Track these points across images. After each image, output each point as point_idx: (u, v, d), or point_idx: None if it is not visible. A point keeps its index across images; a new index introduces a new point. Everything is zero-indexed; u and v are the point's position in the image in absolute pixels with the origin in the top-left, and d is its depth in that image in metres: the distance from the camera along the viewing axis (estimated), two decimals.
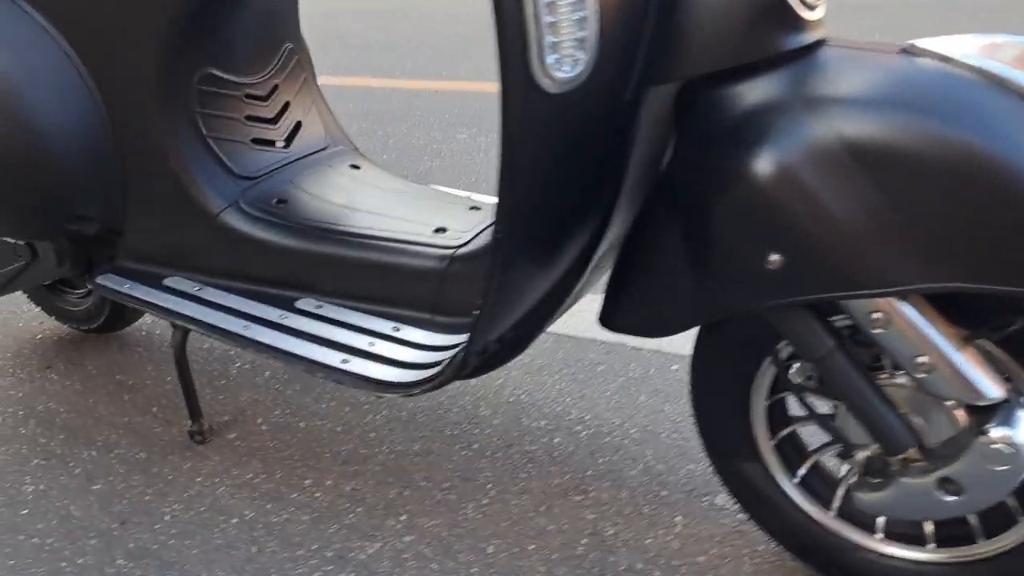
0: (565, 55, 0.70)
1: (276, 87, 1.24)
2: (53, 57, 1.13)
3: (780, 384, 0.90)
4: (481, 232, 1.06)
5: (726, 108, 0.76)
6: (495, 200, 1.20)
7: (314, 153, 1.28)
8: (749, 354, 0.88)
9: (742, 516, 1.10)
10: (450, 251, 1.04)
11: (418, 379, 0.90)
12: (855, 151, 0.69)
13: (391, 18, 5.12)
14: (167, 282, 1.16)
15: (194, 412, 1.34)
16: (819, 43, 0.77)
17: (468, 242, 1.04)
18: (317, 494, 1.23)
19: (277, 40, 1.24)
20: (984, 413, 0.76)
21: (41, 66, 1.12)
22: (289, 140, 1.25)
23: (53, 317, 1.72)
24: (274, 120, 1.24)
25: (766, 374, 0.88)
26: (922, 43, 0.74)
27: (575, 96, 0.72)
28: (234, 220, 1.14)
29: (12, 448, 1.40)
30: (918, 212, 0.68)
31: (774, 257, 0.72)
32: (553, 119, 0.73)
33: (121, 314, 1.60)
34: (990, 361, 0.76)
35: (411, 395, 0.95)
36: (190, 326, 1.10)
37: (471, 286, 1.01)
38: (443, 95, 3.29)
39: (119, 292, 1.16)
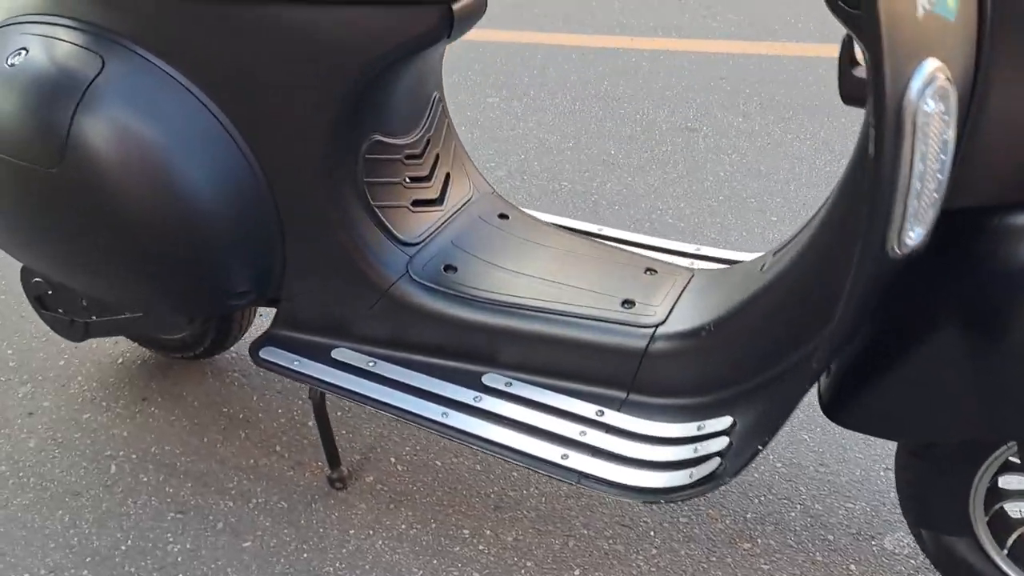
0: (919, 222, 0.68)
1: (428, 141, 1.18)
2: (213, 132, 1.04)
3: (1006, 467, 0.93)
4: (674, 307, 1.05)
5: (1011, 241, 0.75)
6: (664, 259, 1.19)
7: (464, 205, 1.23)
8: (983, 447, 0.90)
9: (915, 562, 1.16)
10: (649, 329, 1.02)
11: (674, 485, 0.90)
12: None
13: None
14: (335, 355, 1.13)
15: (333, 460, 1.32)
16: None
17: (666, 319, 1.03)
18: (480, 546, 1.24)
19: (428, 93, 1.17)
20: None
21: (200, 141, 1.04)
22: (443, 195, 1.20)
23: (138, 343, 1.66)
24: (429, 177, 1.18)
25: (995, 461, 0.91)
26: None
27: (911, 255, 0.71)
28: (405, 291, 1.10)
29: (140, 500, 1.37)
30: None
31: None
32: (886, 275, 0.72)
33: (223, 342, 1.54)
34: None
35: (669, 502, 0.95)
36: (376, 408, 1.07)
37: (674, 365, 1.01)
38: (457, 47, 3.15)
39: (287, 368, 1.11)
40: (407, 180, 1.15)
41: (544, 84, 2.71)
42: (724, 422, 0.93)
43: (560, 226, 1.27)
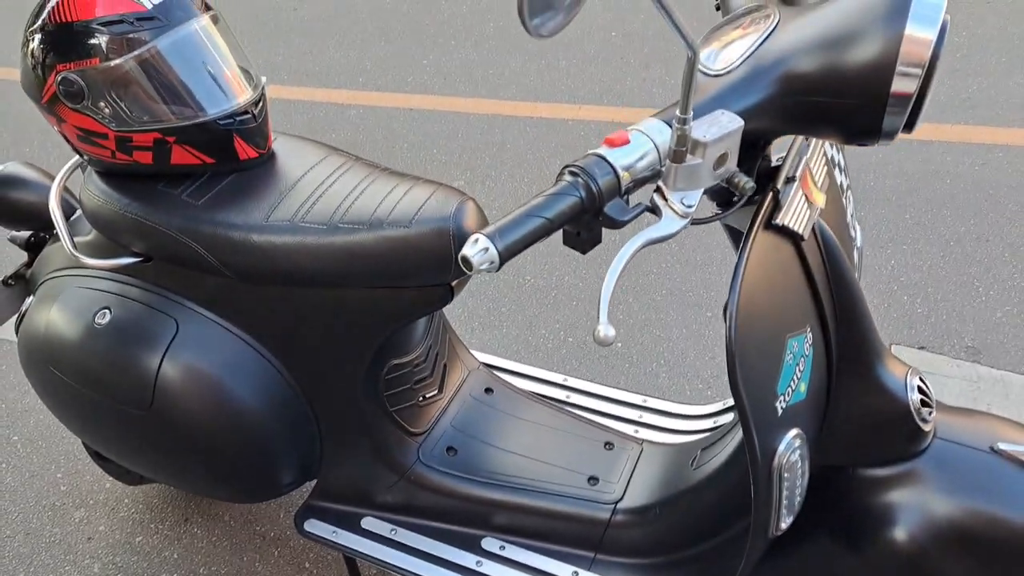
0: (790, 514, 1.00)
1: (430, 348, 1.47)
2: (266, 372, 1.33)
3: None
4: (628, 484, 1.37)
5: (864, 489, 1.09)
6: (617, 426, 1.50)
7: (459, 388, 1.53)
8: None
9: None
10: (610, 505, 1.35)
11: None
12: (964, 530, 1.04)
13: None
14: (364, 524, 1.43)
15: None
16: (933, 441, 1.09)
17: (623, 496, 1.36)
18: None
19: (432, 318, 1.46)
20: None
21: (256, 379, 1.33)
22: (442, 385, 1.50)
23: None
24: (431, 374, 1.48)
25: None
26: (1007, 447, 1.07)
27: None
28: (418, 473, 1.41)
29: None
30: None
31: None
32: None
33: None
34: None
35: None
36: (400, 574, 1.38)
37: (632, 533, 1.33)
38: (418, 119, 3.38)
39: (327, 540, 1.42)
40: (415, 383, 1.44)
41: (503, 163, 2.98)
42: None
43: (534, 393, 1.58)
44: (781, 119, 0.88)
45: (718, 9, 1.19)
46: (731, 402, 1.53)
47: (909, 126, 0.84)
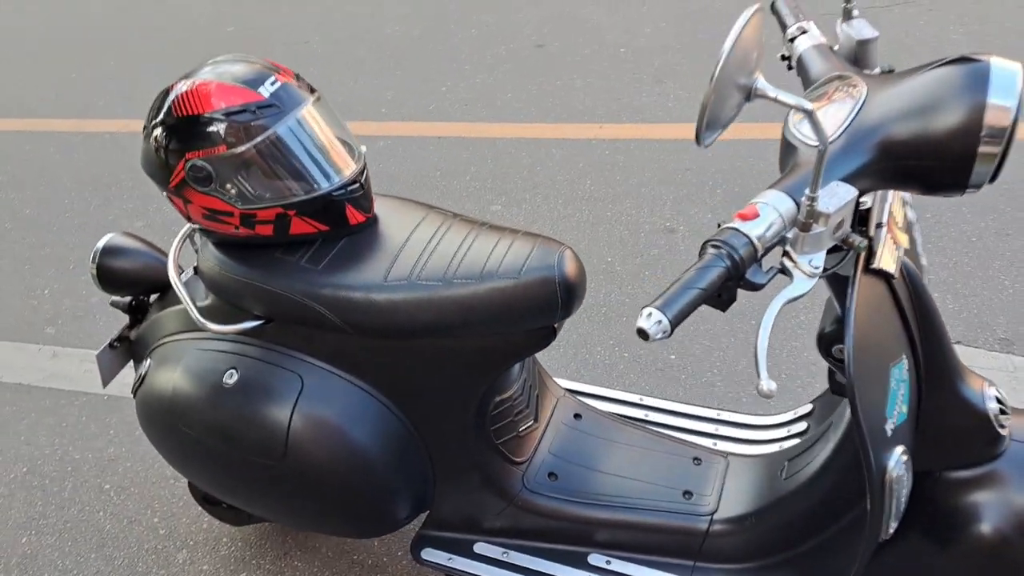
0: (896, 520, 1.13)
1: (525, 380, 1.59)
2: (385, 417, 1.45)
3: None
4: (721, 496, 1.50)
5: (951, 490, 1.21)
6: (700, 441, 1.62)
7: (551, 416, 1.65)
8: None
9: None
10: (707, 516, 1.47)
11: None
12: None
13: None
14: (477, 549, 1.55)
15: None
16: (1010, 444, 1.22)
17: (718, 508, 1.48)
18: None
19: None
20: None
21: (377, 423, 1.45)
22: (537, 414, 1.62)
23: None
24: (528, 405, 1.60)
25: None
26: None
27: None
28: (524, 499, 1.53)
29: None
30: None
31: None
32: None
33: None
34: None
35: None
36: None
37: (729, 541, 1.45)
38: (450, 146, 3.50)
39: (443, 566, 1.54)
40: (515, 416, 1.56)
41: (536, 187, 3.11)
42: None
43: (617, 415, 1.70)
44: (879, 179, 1.01)
45: (784, 60, 1.31)
46: (802, 411, 1.66)
47: (993, 178, 0.97)
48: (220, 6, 5.44)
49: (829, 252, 1.07)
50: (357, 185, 1.42)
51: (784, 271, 0.97)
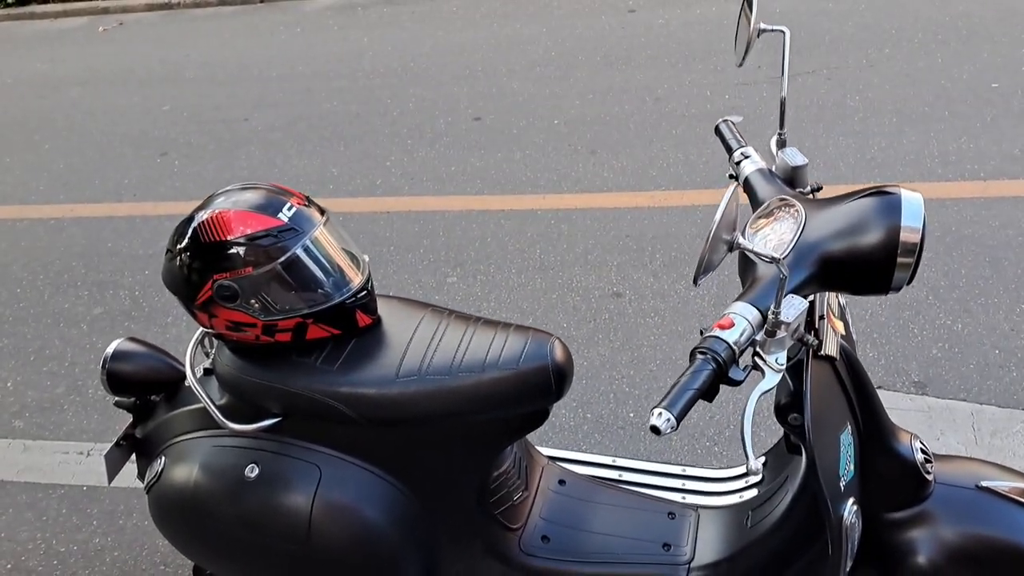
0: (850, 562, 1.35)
1: (516, 453, 1.77)
2: (396, 498, 1.60)
3: None
4: (695, 546, 1.70)
5: (890, 530, 1.45)
6: (669, 496, 1.82)
7: (539, 483, 1.83)
8: None
9: None
10: (685, 565, 1.67)
11: None
12: (969, 552, 1.41)
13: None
14: None
15: None
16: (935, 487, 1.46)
17: (694, 557, 1.68)
18: None
19: None
20: None
21: (389, 505, 1.60)
22: (527, 482, 1.80)
23: None
24: (519, 476, 1.78)
25: None
26: (988, 483, 1.45)
27: None
28: (522, 562, 1.70)
29: None
30: None
31: None
32: None
33: None
34: None
35: None
36: None
37: None
38: (400, 220, 3.68)
39: None
40: (509, 487, 1.74)
41: (488, 257, 3.32)
42: None
43: (596, 477, 1.90)
44: (820, 285, 1.25)
45: (732, 177, 1.56)
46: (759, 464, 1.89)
47: (909, 281, 1.23)
48: (154, 87, 5.52)
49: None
50: (365, 292, 1.59)
51: (757, 368, 1.20)
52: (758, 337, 1.19)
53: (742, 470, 1.90)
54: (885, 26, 4.70)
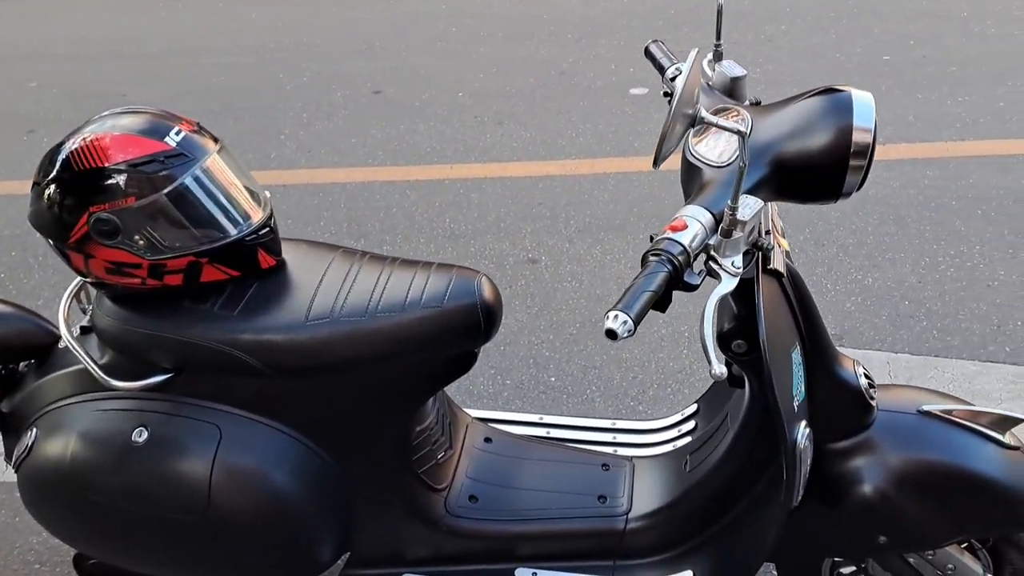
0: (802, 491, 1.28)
1: (438, 410, 1.63)
2: (307, 456, 1.43)
3: None
4: (633, 496, 1.61)
5: (836, 459, 1.39)
6: (604, 450, 1.73)
7: (464, 441, 1.70)
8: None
9: None
10: (622, 516, 1.58)
11: None
12: (914, 477, 1.37)
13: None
14: None
15: None
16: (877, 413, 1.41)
17: (631, 507, 1.59)
18: None
19: None
20: None
21: (299, 464, 1.43)
22: (451, 440, 1.66)
23: None
24: (443, 432, 1.64)
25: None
26: (929, 407, 1.42)
27: None
28: (448, 524, 1.56)
29: None
30: (951, 507, 1.38)
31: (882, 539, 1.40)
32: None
33: None
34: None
35: None
36: None
37: (644, 536, 1.56)
38: (297, 194, 3.45)
39: None
40: (433, 444, 1.60)
41: (395, 228, 3.15)
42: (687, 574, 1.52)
43: (523, 435, 1.78)
44: (771, 192, 1.18)
45: (667, 95, 1.48)
46: (688, 411, 1.82)
47: (860, 186, 1.17)
48: (18, 63, 5.07)
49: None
50: (268, 229, 1.42)
51: (712, 273, 1.11)
52: (712, 241, 1.11)
53: (675, 418, 1.82)
54: (780, 4, 4.80)
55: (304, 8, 5.63)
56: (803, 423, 1.26)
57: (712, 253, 1.12)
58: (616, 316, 0.97)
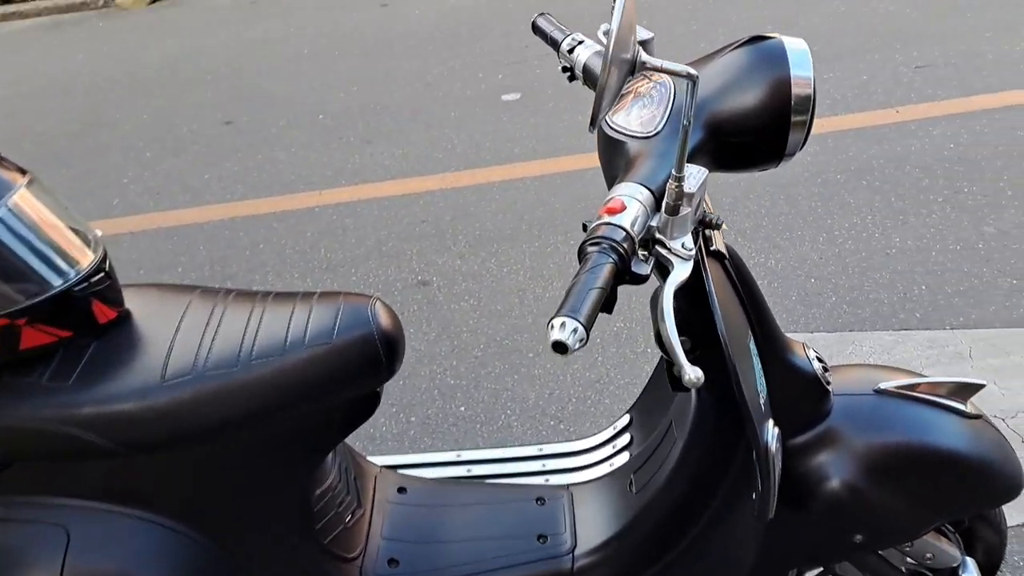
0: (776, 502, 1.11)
1: (340, 463, 1.38)
2: (173, 542, 1.14)
3: None
4: (576, 530, 1.41)
5: (797, 457, 1.24)
6: (532, 481, 1.54)
7: (373, 497, 1.44)
8: None
9: None
10: (568, 554, 1.37)
11: None
12: (883, 464, 1.23)
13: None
14: None
15: None
16: (833, 399, 1.28)
17: (576, 543, 1.39)
18: None
19: None
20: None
21: (162, 553, 1.14)
22: (359, 498, 1.41)
23: None
24: (348, 490, 1.38)
25: None
26: (885, 385, 1.29)
27: None
28: None
29: None
30: (925, 491, 1.26)
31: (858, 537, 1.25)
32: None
33: None
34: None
35: None
36: None
37: (597, 571, 1.36)
38: (159, 239, 3.10)
39: None
40: (339, 507, 1.35)
41: (264, 264, 2.85)
42: None
43: (440, 478, 1.55)
44: (709, 160, 1.01)
45: (565, 71, 1.30)
46: (621, 424, 1.64)
47: (802, 145, 1.02)
48: None
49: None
50: (102, 275, 1.13)
51: (661, 260, 0.93)
52: (654, 222, 0.93)
53: (608, 434, 1.63)
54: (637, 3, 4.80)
55: (135, 42, 5.20)
56: (770, 422, 1.10)
57: (657, 236, 0.94)
58: (563, 324, 0.77)
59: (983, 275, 2.43)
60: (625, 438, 1.60)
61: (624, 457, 1.54)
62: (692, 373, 0.83)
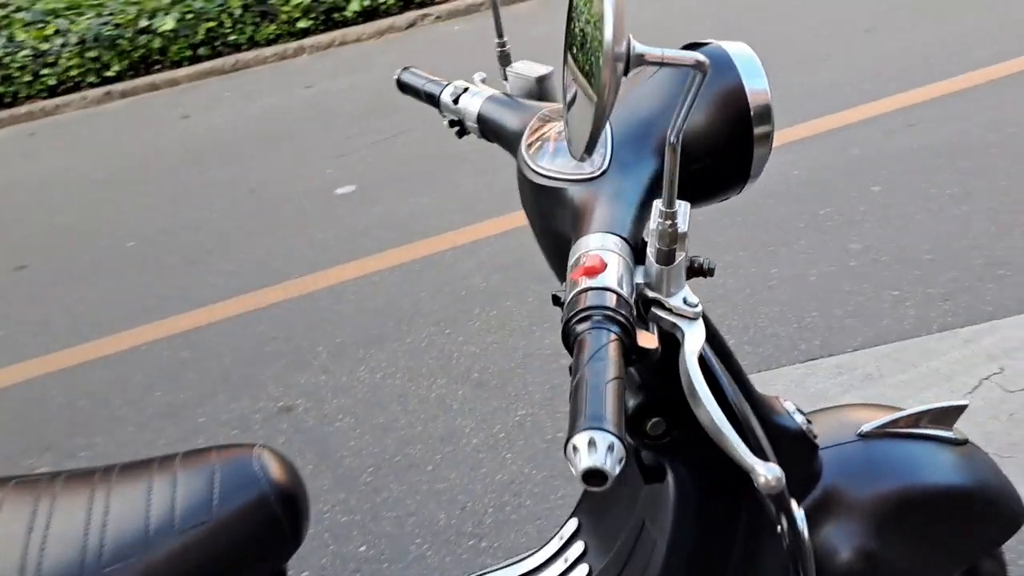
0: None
1: None
2: None
3: None
4: None
5: (813, 516, 1.05)
6: None
7: None
8: None
9: None
10: None
11: None
12: (889, 517, 1.06)
13: None
14: None
15: None
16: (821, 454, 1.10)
17: None
18: None
19: None
20: None
21: None
22: None
23: None
24: None
25: None
26: (868, 427, 1.13)
27: None
28: None
29: None
30: (936, 535, 1.09)
31: None
32: None
33: None
34: None
35: None
36: None
37: None
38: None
39: None
40: None
41: (87, 424, 2.35)
42: None
43: None
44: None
45: (453, 125, 1.09)
46: (568, 530, 1.38)
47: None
48: None
49: None
50: None
51: (663, 326, 0.69)
52: (639, 279, 0.70)
53: (554, 546, 1.36)
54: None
55: None
56: (793, 502, 0.89)
57: (649, 294, 0.71)
58: (591, 443, 0.51)
59: (865, 291, 2.41)
60: (578, 547, 1.33)
61: (583, 570, 1.27)
62: (769, 472, 0.60)
